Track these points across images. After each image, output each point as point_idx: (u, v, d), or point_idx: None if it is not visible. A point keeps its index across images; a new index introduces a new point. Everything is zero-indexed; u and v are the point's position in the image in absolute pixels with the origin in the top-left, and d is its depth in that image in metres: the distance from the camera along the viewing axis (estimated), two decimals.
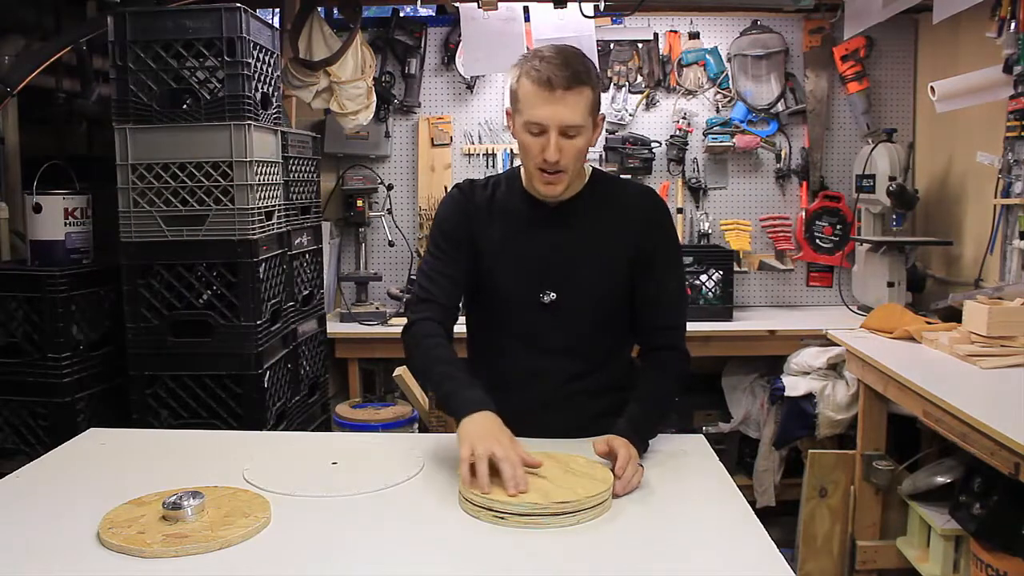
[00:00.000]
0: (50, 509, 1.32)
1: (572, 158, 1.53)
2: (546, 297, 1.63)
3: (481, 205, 1.67)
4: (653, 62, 3.56)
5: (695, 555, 1.18)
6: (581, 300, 1.63)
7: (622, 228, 1.63)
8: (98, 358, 2.22)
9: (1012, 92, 2.57)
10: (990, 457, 1.69)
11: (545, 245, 1.63)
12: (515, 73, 1.56)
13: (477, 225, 1.66)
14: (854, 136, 3.61)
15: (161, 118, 2.08)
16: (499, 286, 1.66)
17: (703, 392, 3.46)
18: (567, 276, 1.63)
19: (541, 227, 1.64)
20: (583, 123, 1.52)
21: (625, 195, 1.68)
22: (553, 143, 1.50)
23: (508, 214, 1.66)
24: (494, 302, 1.68)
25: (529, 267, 1.63)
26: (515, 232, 1.64)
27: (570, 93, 1.48)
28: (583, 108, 1.51)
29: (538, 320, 1.64)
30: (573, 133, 1.51)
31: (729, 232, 3.55)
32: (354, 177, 3.47)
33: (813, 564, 2.73)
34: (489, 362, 1.72)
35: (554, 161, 1.51)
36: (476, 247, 1.66)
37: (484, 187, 1.70)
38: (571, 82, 1.48)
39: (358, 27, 3.00)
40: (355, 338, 3.21)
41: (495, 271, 1.65)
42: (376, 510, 1.32)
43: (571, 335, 1.65)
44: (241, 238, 2.08)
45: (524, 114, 1.53)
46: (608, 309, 1.66)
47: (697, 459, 1.55)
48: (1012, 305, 2.22)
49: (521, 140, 1.56)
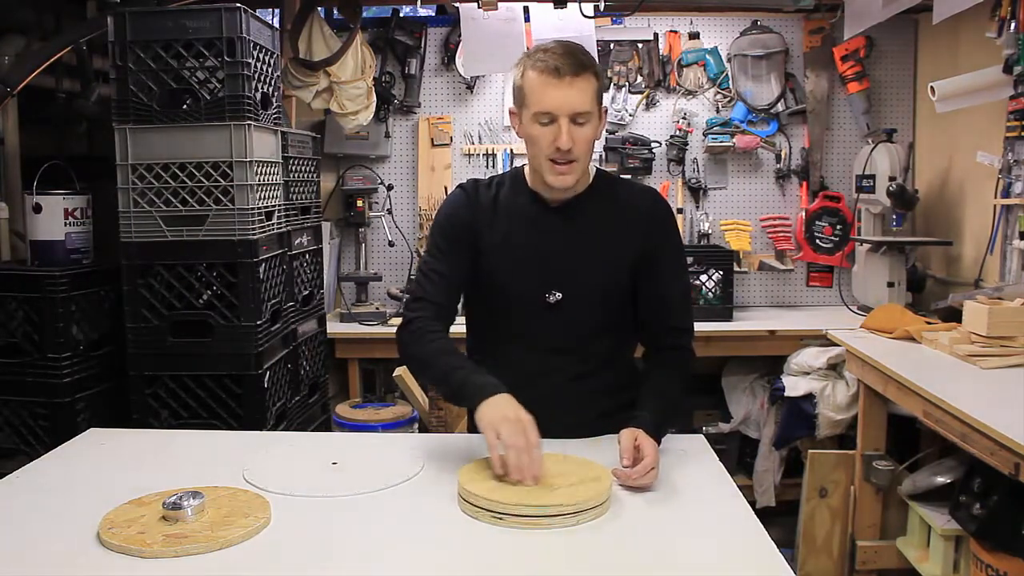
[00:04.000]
0: (50, 509, 1.32)
1: (583, 147, 1.54)
2: (551, 297, 1.63)
3: (485, 204, 1.67)
4: (653, 62, 3.56)
5: (695, 555, 1.18)
6: (586, 300, 1.63)
7: (626, 228, 1.63)
8: (98, 358, 2.22)
9: (1012, 92, 2.57)
10: (990, 457, 1.69)
11: (549, 244, 1.63)
12: (519, 70, 1.57)
13: (480, 224, 1.65)
14: (854, 136, 3.61)
15: (161, 118, 2.08)
16: (503, 285, 1.65)
17: (703, 392, 3.46)
18: (572, 276, 1.62)
19: (545, 226, 1.64)
20: (591, 110, 1.53)
21: (629, 195, 1.68)
22: (565, 130, 1.51)
23: (512, 213, 1.65)
24: (497, 302, 1.68)
25: (533, 267, 1.63)
26: (519, 231, 1.64)
27: (578, 79, 1.51)
28: (591, 95, 1.53)
29: (542, 320, 1.64)
30: (583, 120, 1.53)
31: (729, 232, 3.55)
32: (354, 177, 3.47)
33: (813, 564, 2.73)
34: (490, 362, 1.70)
35: (567, 149, 1.52)
36: (478, 246, 1.65)
37: (488, 186, 1.70)
38: (578, 68, 1.51)
39: (358, 27, 3.00)
40: (355, 338, 3.21)
41: (499, 271, 1.65)
42: (376, 510, 1.32)
43: (575, 335, 1.65)
44: (241, 238, 2.08)
45: (532, 106, 1.53)
46: (612, 309, 1.66)
47: (697, 459, 1.55)
48: (1012, 305, 2.22)
49: (529, 134, 1.56)
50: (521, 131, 1.60)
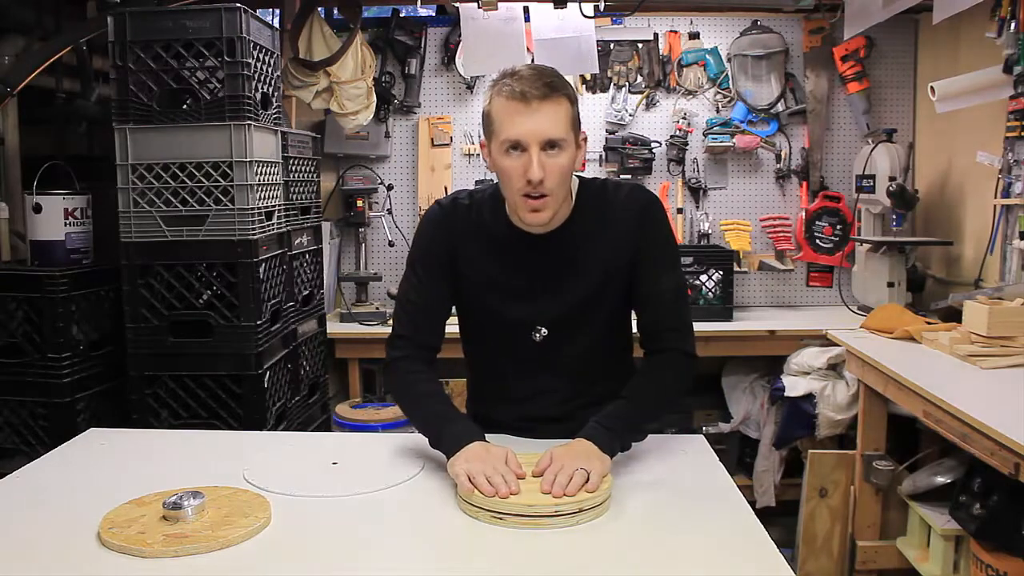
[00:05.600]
0: (50, 509, 1.32)
1: (557, 178, 1.43)
2: (537, 335, 1.58)
3: (463, 227, 1.58)
4: (653, 62, 3.56)
5: (695, 555, 1.18)
6: (573, 335, 1.58)
7: (614, 242, 1.55)
8: (98, 358, 2.22)
9: (1012, 92, 2.57)
10: (990, 457, 1.69)
11: (533, 281, 1.56)
12: (486, 98, 1.48)
13: (459, 247, 1.58)
14: (854, 136, 3.61)
15: (161, 118, 2.08)
16: (489, 317, 1.61)
17: (703, 392, 3.46)
18: (558, 313, 1.56)
19: (527, 262, 1.56)
20: (564, 136, 1.43)
21: (616, 202, 1.57)
22: (535, 160, 1.40)
23: (493, 243, 1.57)
24: (485, 329, 1.65)
25: (517, 304, 1.57)
26: (501, 265, 1.57)
27: (547, 103, 1.40)
28: (563, 120, 1.42)
29: (532, 349, 1.59)
30: (555, 148, 1.42)
31: (729, 232, 3.55)
32: (354, 177, 3.47)
33: (813, 564, 2.73)
34: (489, 378, 1.71)
35: (538, 180, 1.41)
36: (457, 269, 1.59)
37: (467, 206, 1.59)
38: (547, 92, 1.40)
39: (358, 27, 3.00)
40: (355, 338, 3.21)
41: (482, 304, 1.60)
42: (376, 510, 1.32)
43: (567, 364, 1.61)
44: (241, 238, 2.08)
45: (500, 135, 1.43)
46: (603, 336, 1.61)
47: (697, 459, 1.54)
48: (1012, 305, 2.22)
49: (499, 167, 1.45)
50: (492, 164, 1.49)
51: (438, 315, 1.61)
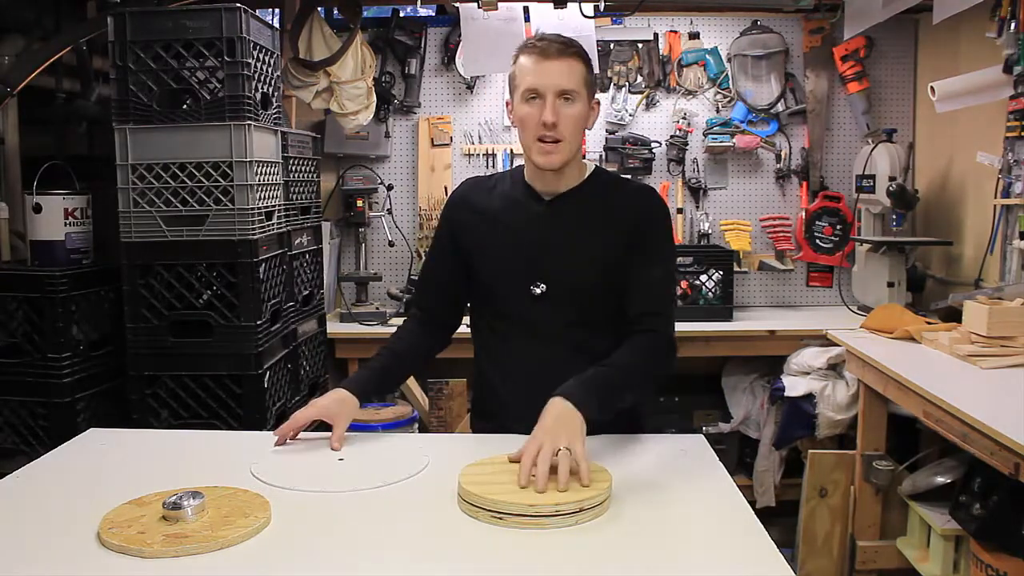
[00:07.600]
0: (50, 509, 1.32)
1: (570, 126, 1.57)
2: (536, 289, 1.65)
3: (480, 201, 1.72)
4: (653, 62, 3.56)
5: (695, 555, 1.18)
6: (570, 292, 1.65)
7: (615, 226, 1.64)
8: (98, 358, 2.22)
9: (1012, 92, 2.57)
10: (990, 457, 1.69)
11: (536, 238, 1.66)
12: (512, 60, 1.63)
13: (473, 222, 1.71)
14: (854, 136, 3.61)
15: (161, 118, 2.08)
16: (492, 279, 1.70)
17: (703, 392, 3.46)
18: (555, 269, 1.65)
19: (535, 221, 1.67)
20: (578, 89, 1.57)
21: (623, 194, 1.69)
22: (550, 104, 1.55)
23: (505, 206, 1.70)
24: (490, 295, 1.72)
25: (519, 260, 1.66)
26: (509, 223, 1.68)
27: (564, 58, 1.56)
28: (578, 75, 1.57)
29: (532, 309, 1.66)
30: (569, 98, 1.56)
31: (729, 232, 3.55)
32: (354, 177, 3.47)
33: (813, 564, 2.73)
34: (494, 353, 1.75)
35: (552, 123, 1.54)
36: (470, 245, 1.71)
37: (488, 180, 1.76)
38: (564, 48, 1.56)
39: (358, 27, 3.00)
40: (355, 338, 3.21)
41: (487, 262, 1.70)
42: (376, 510, 1.32)
43: (566, 325, 1.65)
44: (241, 238, 2.08)
45: (521, 86, 1.58)
46: (599, 301, 1.65)
47: (697, 459, 1.54)
48: (1012, 305, 2.22)
49: (519, 115, 1.60)
50: (514, 118, 1.63)
51: (448, 285, 1.77)
